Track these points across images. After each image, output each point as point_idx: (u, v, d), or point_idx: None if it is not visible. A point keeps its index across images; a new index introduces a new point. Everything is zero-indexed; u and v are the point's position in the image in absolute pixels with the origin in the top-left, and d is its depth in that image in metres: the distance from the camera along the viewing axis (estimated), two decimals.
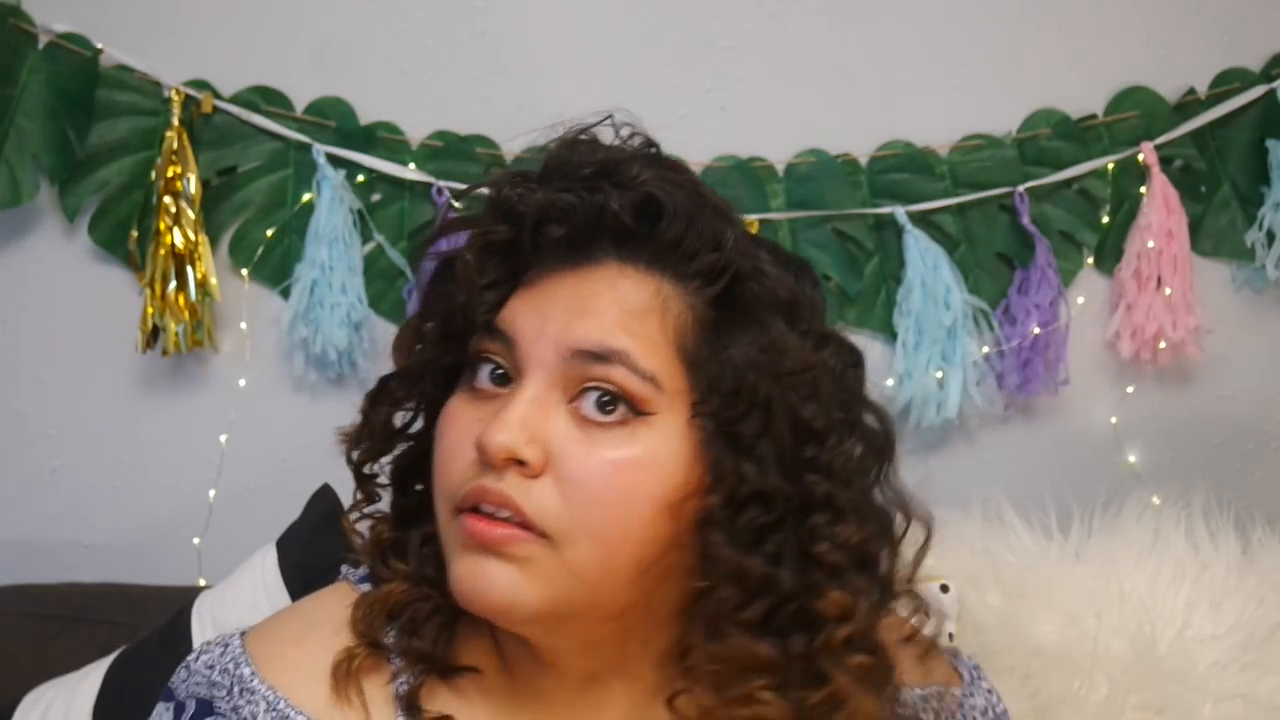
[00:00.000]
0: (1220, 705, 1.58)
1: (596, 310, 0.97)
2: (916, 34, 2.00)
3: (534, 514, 0.94)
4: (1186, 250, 2.02)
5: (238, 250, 1.95)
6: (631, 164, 0.99)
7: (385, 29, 1.95)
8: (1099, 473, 2.03)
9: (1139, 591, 1.65)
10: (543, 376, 0.96)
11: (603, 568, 0.95)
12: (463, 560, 0.96)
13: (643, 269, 0.98)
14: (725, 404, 0.96)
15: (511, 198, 1.00)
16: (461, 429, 0.98)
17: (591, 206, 0.98)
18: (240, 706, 1.01)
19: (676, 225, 0.98)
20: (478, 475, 0.95)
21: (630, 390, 0.95)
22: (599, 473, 0.94)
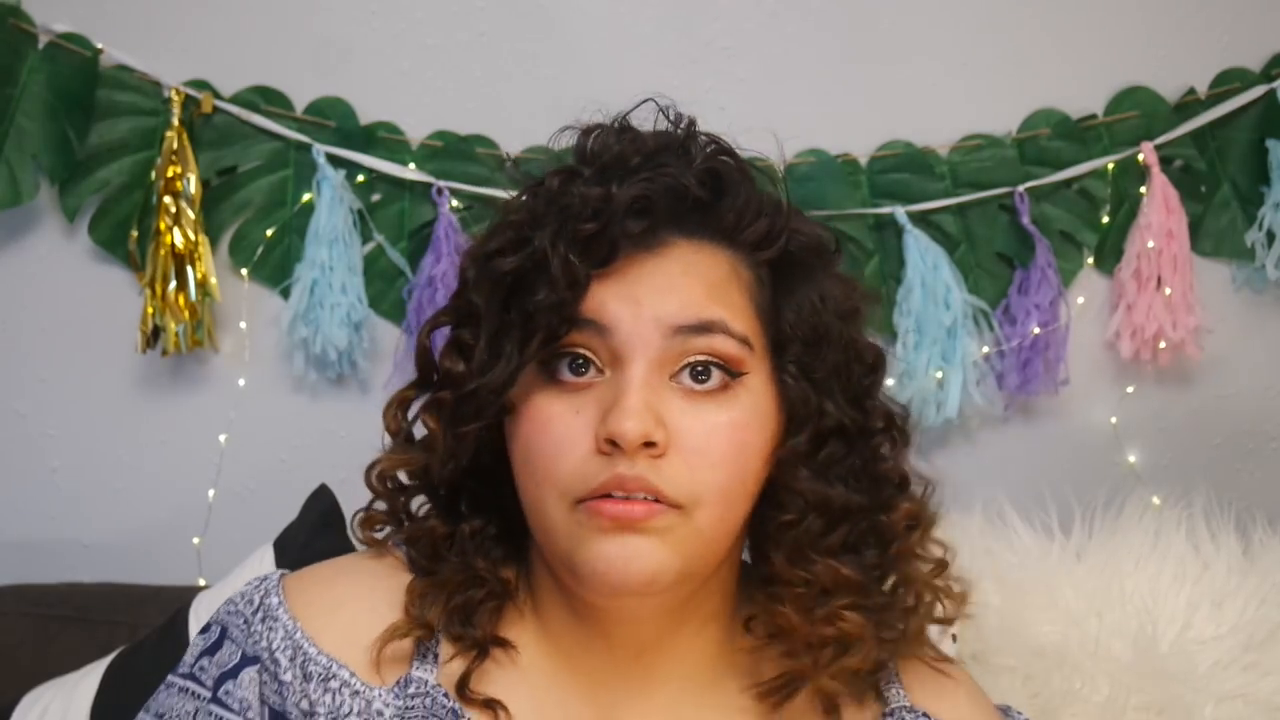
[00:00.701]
0: (1222, 705, 1.58)
1: (685, 287, 1.02)
2: (916, 34, 2.00)
3: (669, 489, 0.98)
4: (1186, 250, 2.02)
5: (238, 250, 1.95)
6: (687, 144, 1.07)
7: (385, 29, 1.95)
8: (1099, 473, 2.03)
9: (1140, 592, 1.65)
10: (646, 358, 1.00)
11: (724, 524, 1.03)
12: (601, 544, 0.99)
13: (710, 243, 1.05)
14: (804, 350, 1.05)
15: (591, 193, 1.02)
16: (566, 423, 1.00)
17: (669, 189, 1.02)
18: (259, 632, 1.08)
19: (737, 197, 1.05)
20: (607, 465, 0.98)
21: (729, 355, 1.01)
22: (717, 437, 1.00)
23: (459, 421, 1.05)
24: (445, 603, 1.07)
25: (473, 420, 1.04)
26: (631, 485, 0.97)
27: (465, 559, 1.09)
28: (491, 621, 1.08)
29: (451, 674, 1.07)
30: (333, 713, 1.05)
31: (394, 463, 1.10)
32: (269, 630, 1.08)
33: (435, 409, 1.08)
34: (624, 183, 1.02)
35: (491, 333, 1.04)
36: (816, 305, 1.06)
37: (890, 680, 1.15)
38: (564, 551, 1.01)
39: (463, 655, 1.07)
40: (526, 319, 1.01)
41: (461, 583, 1.08)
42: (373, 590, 1.10)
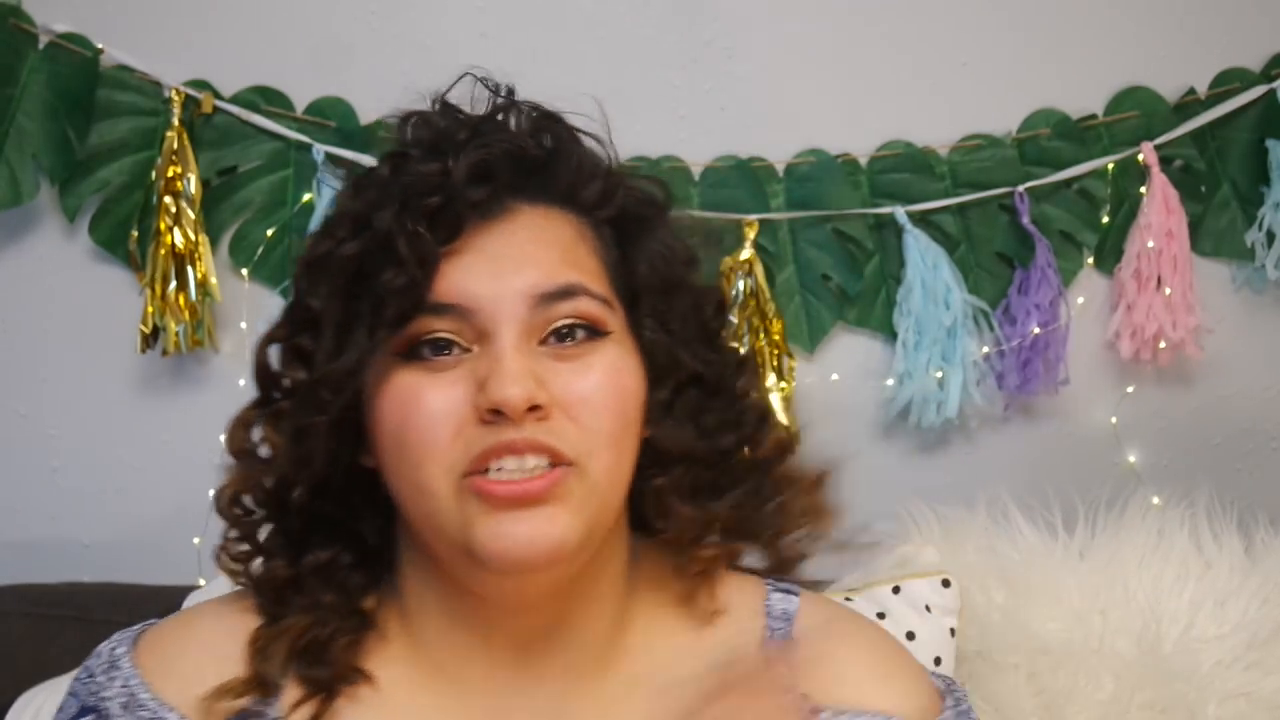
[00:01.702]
0: (1225, 704, 1.58)
1: (539, 254, 1.00)
2: (916, 34, 2.00)
3: (563, 445, 0.96)
4: (1186, 250, 2.03)
5: (238, 250, 1.94)
6: (507, 114, 1.07)
7: (385, 29, 1.94)
8: (1099, 473, 2.03)
9: (1143, 590, 1.65)
10: (514, 328, 0.97)
11: (617, 472, 1.00)
12: (497, 522, 0.95)
13: (554, 206, 1.03)
14: (657, 302, 1.04)
15: (428, 170, 1.00)
16: (439, 394, 0.97)
17: (506, 153, 1.01)
18: (100, 683, 1.06)
19: (570, 159, 1.05)
20: (491, 433, 0.95)
21: (593, 315, 1.00)
22: (596, 387, 0.99)
23: (303, 417, 1.01)
24: (290, 648, 1.03)
25: (317, 413, 1.00)
26: (522, 448, 0.95)
27: (312, 597, 1.04)
28: (347, 655, 1.05)
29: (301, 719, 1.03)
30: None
31: (240, 483, 1.07)
32: (109, 680, 1.05)
33: (274, 420, 1.04)
34: (459, 154, 1.00)
35: (336, 327, 1.00)
36: (662, 256, 1.06)
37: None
38: (456, 535, 0.97)
39: (310, 699, 1.03)
40: (376, 305, 0.98)
41: (307, 625, 1.04)
42: (217, 636, 1.06)
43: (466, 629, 1.05)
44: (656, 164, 1.95)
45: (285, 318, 1.05)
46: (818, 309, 2.00)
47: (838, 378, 2.04)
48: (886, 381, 2.02)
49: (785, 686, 0.99)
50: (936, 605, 1.62)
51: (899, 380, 2.01)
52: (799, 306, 2.00)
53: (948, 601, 1.62)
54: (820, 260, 1.99)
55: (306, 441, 1.01)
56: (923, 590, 1.62)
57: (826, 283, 2.00)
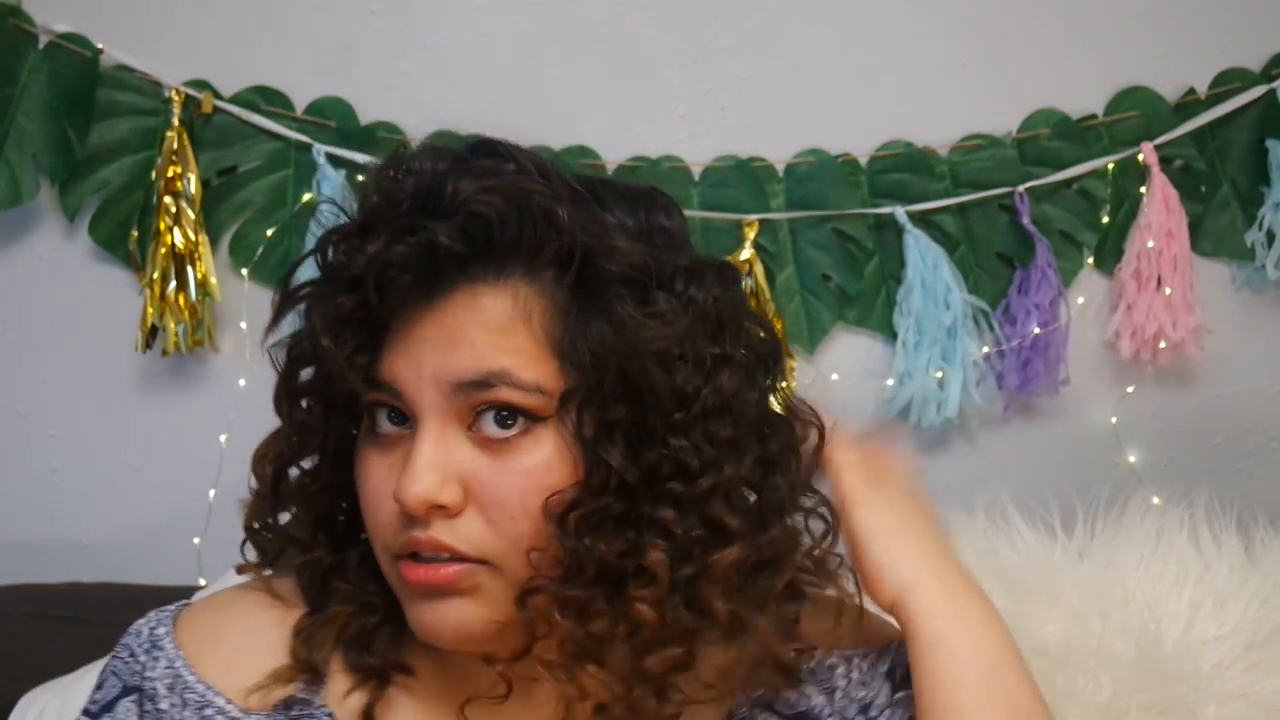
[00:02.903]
0: (1224, 706, 1.58)
1: (465, 339, 0.95)
2: (916, 34, 2.00)
3: (466, 547, 0.95)
4: (1186, 250, 2.03)
5: (238, 250, 1.94)
6: (444, 185, 0.96)
7: (385, 29, 1.94)
8: (1099, 473, 2.03)
9: (1143, 591, 1.65)
10: (435, 417, 0.96)
11: (540, 569, 0.96)
12: (417, 605, 0.98)
13: (494, 281, 0.96)
14: (593, 392, 0.95)
15: (342, 262, 0.98)
16: (378, 480, 0.98)
17: (421, 249, 0.95)
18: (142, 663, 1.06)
19: (509, 229, 0.95)
20: (406, 527, 0.96)
21: (517, 404, 0.95)
22: (515, 488, 0.95)
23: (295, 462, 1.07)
24: (337, 637, 1.05)
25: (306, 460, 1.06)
26: (426, 547, 0.95)
27: (357, 585, 1.05)
28: (392, 645, 1.05)
29: (353, 709, 1.04)
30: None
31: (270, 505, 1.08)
32: (153, 660, 1.06)
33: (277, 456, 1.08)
34: (384, 241, 0.95)
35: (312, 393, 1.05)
36: (610, 342, 0.95)
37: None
38: (399, 601, 1.00)
39: (362, 687, 1.04)
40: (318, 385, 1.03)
41: (354, 613, 1.05)
42: (259, 619, 1.07)
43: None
44: (657, 164, 1.95)
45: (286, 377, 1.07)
46: (818, 309, 2.00)
47: (838, 378, 2.05)
48: (886, 381, 2.02)
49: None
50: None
51: (899, 380, 2.01)
52: (799, 306, 2.00)
53: None
54: (820, 260, 1.99)
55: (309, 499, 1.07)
56: None
57: (826, 283, 2.00)
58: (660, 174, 1.95)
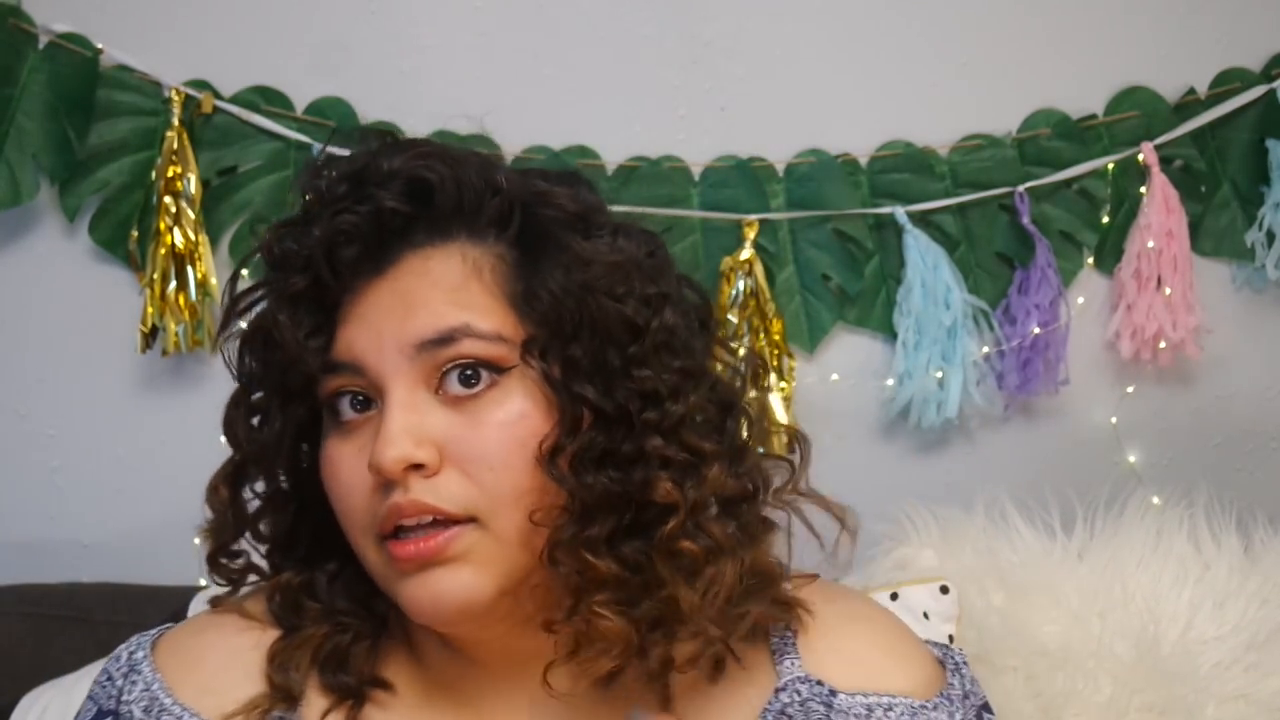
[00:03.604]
0: (1224, 706, 1.58)
1: (420, 301, 0.98)
2: (916, 34, 2.00)
3: (450, 505, 0.95)
4: (1186, 250, 2.03)
5: (238, 250, 1.94)
6: (380, 161, 1.01)
7: (385, 29, 1.94)
8: (1099, 473, 2.03)
9: (1142, 592, 1.65)
10: (402, 383, 0.97)
11: (526, 525, 0.96)
12: (409, 583, 0.97)
13: (441, 244, 1.01)
14: (551, 335, 0.98)
15: (291, 247, 1.01)
16: (349, 467, 0.98)
17: (368, 216, 0.99)
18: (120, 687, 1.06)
19: (448, 190, 1.00)
20: (385, 497, 0.96)
21: (484, 356, 0.97)
22: (490, 439, 0.96)
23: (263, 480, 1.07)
24: (312, 658, 1.04)
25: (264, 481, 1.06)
26: (409, 511, 0.95)
27: (328, 604, 1.06)
28: (369, 662, 1.06)
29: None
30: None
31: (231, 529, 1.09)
32: (130, 684, 1.06)
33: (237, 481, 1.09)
34: (330, 216, 1.00)
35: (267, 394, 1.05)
36: (564, 283, 0.98)
37: (784, 648, 1.09)
38: (390, 591, 1.00)
39: (339, 708, 1.04)
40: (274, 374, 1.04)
41: (328, 633, 1.05)
42: (234, 641, 1.07)
43: (452, 650, 1.05)
44: (657, 164, 1.95)
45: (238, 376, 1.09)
46: (818, 309, 2.00)
47: (838, 378, 2.05)
48: (886, 381, 2.02)
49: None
50: (935, 612, 1.62)
51: (899, 380, 2.01)
52: (799, 306, 2.00)
53: (946, 608, 1.63)
54: (820, 260, 1.99)
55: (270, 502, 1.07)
56: (921, 597, 1.62)
57: (826, 283, 2.00)
58: (660, 174, 1.95)
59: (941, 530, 1.73)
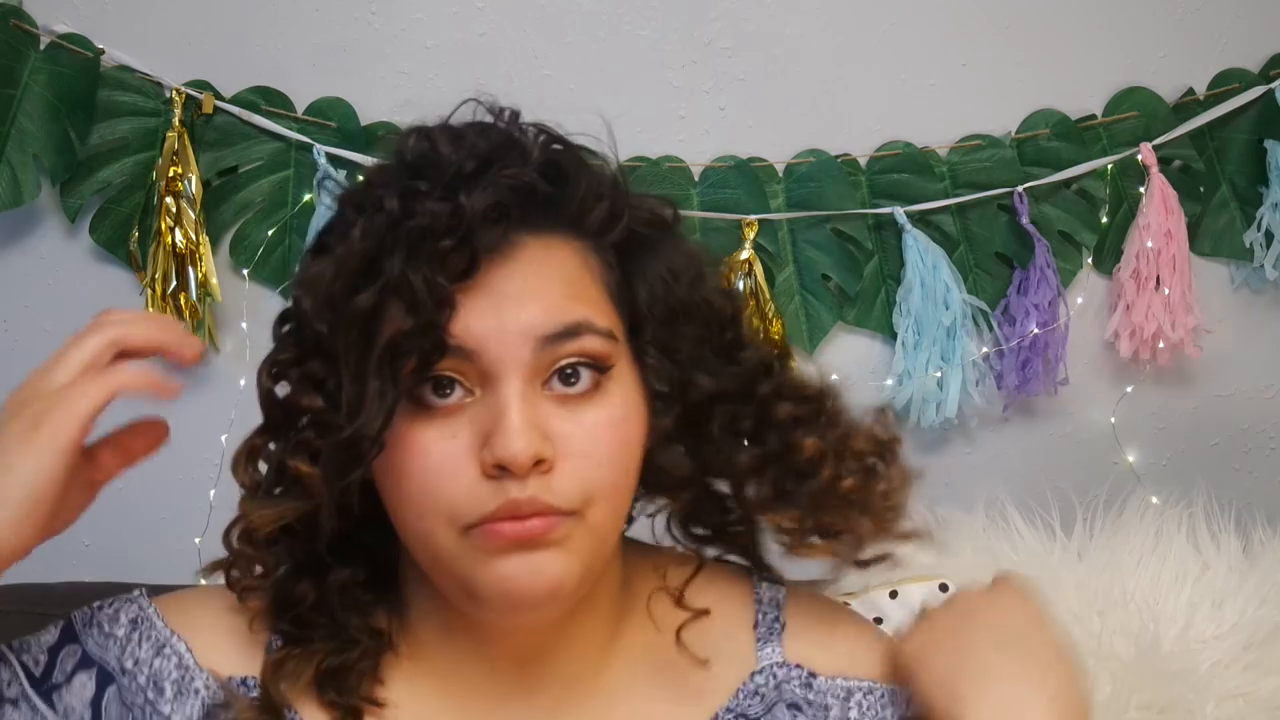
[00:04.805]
0: (1223, 705, 1.58)
1: (544, 290, 0.97)
2: (916, 34, 2.00)
3: (561, 502, 0.96)
4: (1185, 250, 2.03)
5: (238, 250, 1.95)
6: (517, 138, 1.02)
7: (385, 29, 1.95)
8: (1098, 473, 2.03)
9: (1141, 591, 1.65)
10: (519, 373, 0.96)
11: (615, 518, 1.01)
12: (502, 564, 0.96)
13: (558, 236, 1.01)
14: (661, 329, 1.02)
15: (440, 209, 0.95)
16: (441, 451, 0.96)
17: (516, 189, 0.98)
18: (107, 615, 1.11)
19: (578, 184, 1.02)
20: (498, 490, 0.94)
21: (597, 352, 0.98)
22: (599, 438, 0.98)
23: (339, 469, 0.98)
24: (315, 670, 1.04)
25: (354, 468, 0.97)
26: (527, 508, 0.94)
27: (337, 618, 1.04)
28: (369, 683, 1.05)
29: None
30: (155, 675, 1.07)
31: (268, 517, 1.02)
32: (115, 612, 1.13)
33: (305, 452, 1.00)
34: (471, 191, 0.96)
35: (354, 368, 0.97)
36: (666, 280, 1.03)
37: (769, 637, 1.12)
38: (461, 577, 0.98)
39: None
40: (392, 349, 0.95)
41: (334, 649, 1.04)
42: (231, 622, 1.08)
43: (467, 643, 1.06)
44: (657, 164, 1.95)
45: (292, 340, 1.02)
46: (817, 309, 2.01)
47: (838, 378, 2.04)
48: (886, 381, 2.02)
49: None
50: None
51: (899, 380, 2.01)
52: (799, 306, 2.00)
53: None
54: (820, 260, 2.00)
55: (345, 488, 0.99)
56: (920, 595, 1.62)
57: (826, 283, 2.00)
58: (660, 174, 1.95)
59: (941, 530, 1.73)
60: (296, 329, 1.02)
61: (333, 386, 0.99)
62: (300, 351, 1.01)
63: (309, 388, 1.00)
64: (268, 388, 1.03)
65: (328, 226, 1.04)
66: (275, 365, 1.03)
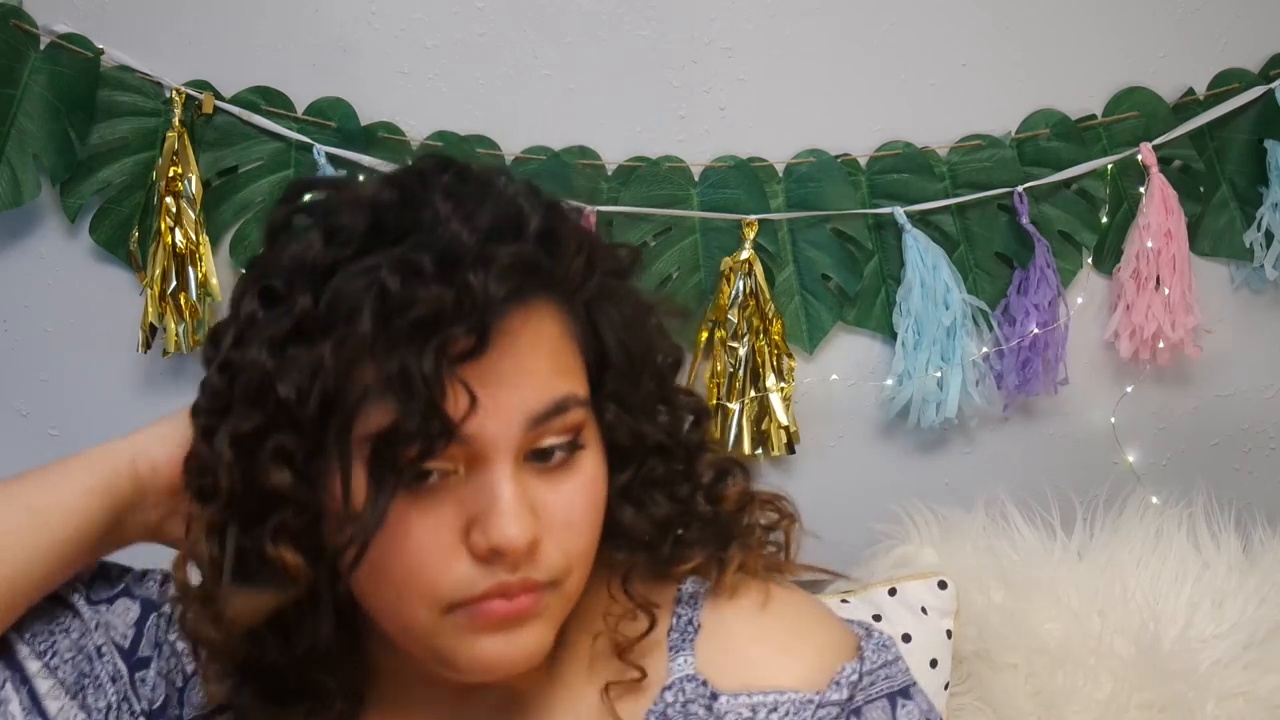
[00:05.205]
0: (1223, 704, 1.58)
1: (534, 368, 0.93)
2: (916, 34, 2.00)
3: (546, 577, 0.94)
4: (1185, 250, 2.03)
5: (239, 250, 1.95)
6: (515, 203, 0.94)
7: (385, 29, 1.95)
8: (1098, 472, 2.03)
9: (1142, 590, 1.65)
10: (509, 453, 0.92)
11: (584, 580, 0.99)
12: (485, 642, 0.94)
13: (542, 301, 0.95)
14: (621, 381, 1.00)
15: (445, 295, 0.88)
16: (426, 531, 0.92)
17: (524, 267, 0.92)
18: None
19: (567, 249, 0.96)
20: (489, 573, 0.92)
21: (578, 425, 0.95)
22: (576, 505, 0.96)
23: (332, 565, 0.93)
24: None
25: (351, 565, 0.91)
26: (516, 589, 0.92)
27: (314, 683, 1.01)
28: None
29: None
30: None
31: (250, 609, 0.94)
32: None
33: (286, 539, 0.93)
34: (476, 269, 0.89)
35: (339, 451, 0.90)
36: (626, 328, 0.99)
37: (682, 645, 1.07)
38: (437, 650, 0.95)
39: None
40: (391, 439, 0.89)
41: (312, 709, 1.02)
42: None
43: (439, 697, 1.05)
44: (657, 164, 1.95)
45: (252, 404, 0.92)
46: (817, 309, 2.01)
47: (837, 378, 2.05)
48: (886, 381, 2.02)
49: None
50: (933, 607, 1.62)
51: (899, 380, 2.01)
52: (799, 306, 2.00)
53: (944, 603, 1.63)
54: (820, 260, 2.00)
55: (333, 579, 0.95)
56: (919, 592, 1.63)
57: (826, 283, 2.00)
58: (660, 174, 1.95)
59: (942, 529, 1.73)
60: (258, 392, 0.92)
61: (301, 460, 0.92)
62: (266, 420, 0.92)
63: (280, 464, 0.92)
64: (228, 458, 0.93)
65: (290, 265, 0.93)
66: (238, 436, 0.93)
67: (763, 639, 1.07)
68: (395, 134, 1.94)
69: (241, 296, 0.95)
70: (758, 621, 1.08)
